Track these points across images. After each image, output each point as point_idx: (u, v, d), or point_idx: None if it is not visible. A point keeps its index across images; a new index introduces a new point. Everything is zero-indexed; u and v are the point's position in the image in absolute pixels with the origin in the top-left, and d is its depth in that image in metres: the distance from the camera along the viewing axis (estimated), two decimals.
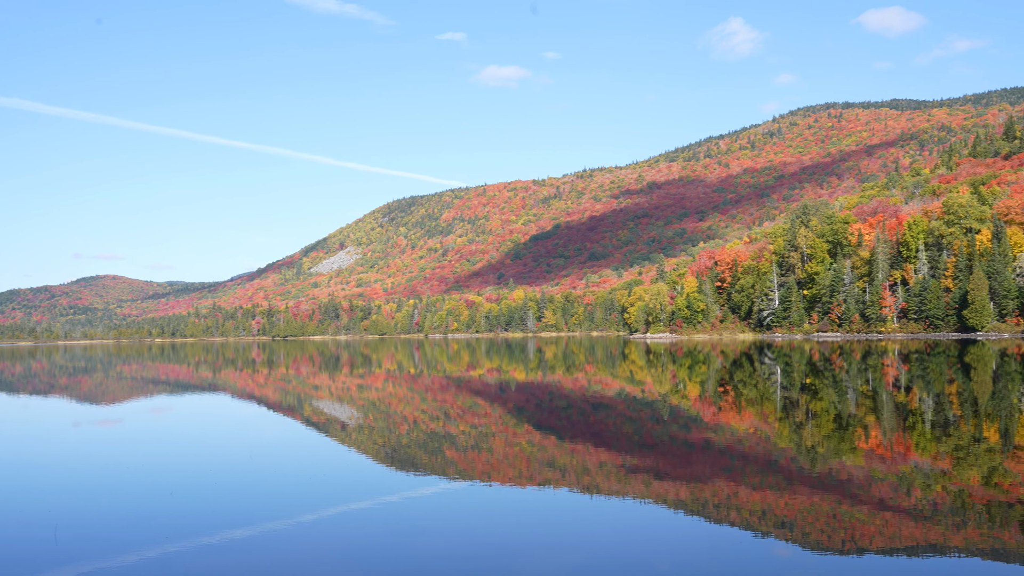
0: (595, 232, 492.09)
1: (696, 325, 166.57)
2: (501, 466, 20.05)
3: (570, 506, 15.54)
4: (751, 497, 15.87)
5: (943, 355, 64.63)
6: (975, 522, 13.65)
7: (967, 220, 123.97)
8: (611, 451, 21.91)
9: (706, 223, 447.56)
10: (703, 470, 18.97)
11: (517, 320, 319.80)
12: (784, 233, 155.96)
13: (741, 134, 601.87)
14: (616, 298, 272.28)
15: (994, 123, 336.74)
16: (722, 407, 32.58)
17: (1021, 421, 25.24)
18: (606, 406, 34.93)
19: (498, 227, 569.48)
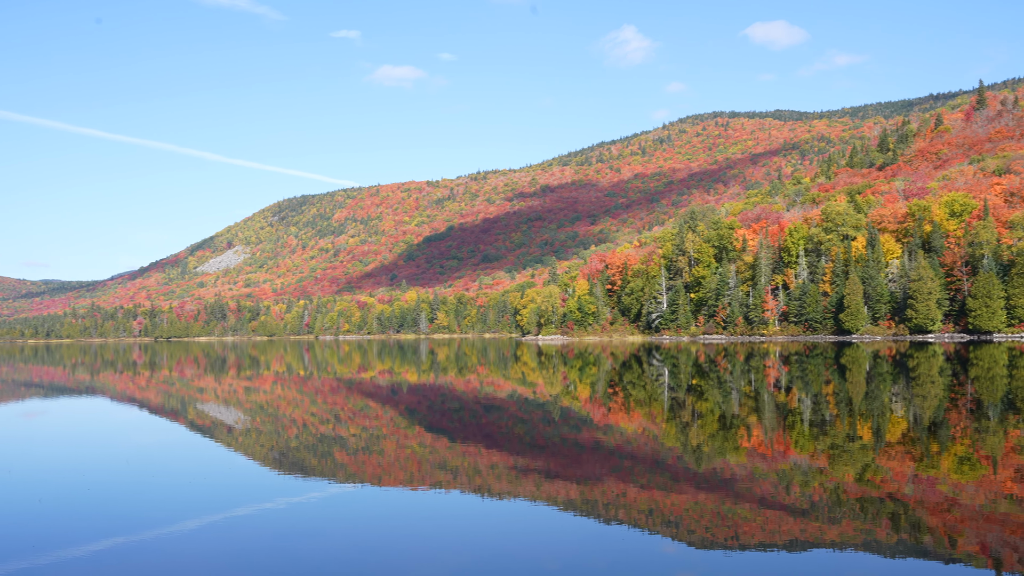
0: (489, 234, 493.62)
1: (587, 327, 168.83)
2: (392, 469, 19.89)
3: (461, 508, 15.53)
4: (639, 496, 16.16)
5: (821, 357, 67.21)
6: (849, 516, 14.23)
7: (844, 228, 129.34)
8: (503, 452, 21.99)
9: (598, 227, 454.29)
10: (593, 470, 19.23)
11: (410, 322, 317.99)
12: (673, 238, 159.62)
13: (632, 140, 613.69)
14: (509, 300, 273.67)
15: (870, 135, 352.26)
16: (612, 408, 33.10)
17: (892, 420, 26.45)
18: (498, 408, 35.04)
19: (391, 228, 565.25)
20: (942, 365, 53.58)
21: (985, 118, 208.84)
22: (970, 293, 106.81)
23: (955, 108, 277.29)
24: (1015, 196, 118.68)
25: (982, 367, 50.87)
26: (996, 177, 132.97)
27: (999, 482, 16.57)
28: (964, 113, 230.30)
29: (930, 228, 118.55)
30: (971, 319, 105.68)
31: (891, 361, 59.45)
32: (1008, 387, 36.82)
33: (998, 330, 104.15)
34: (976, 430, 23.49)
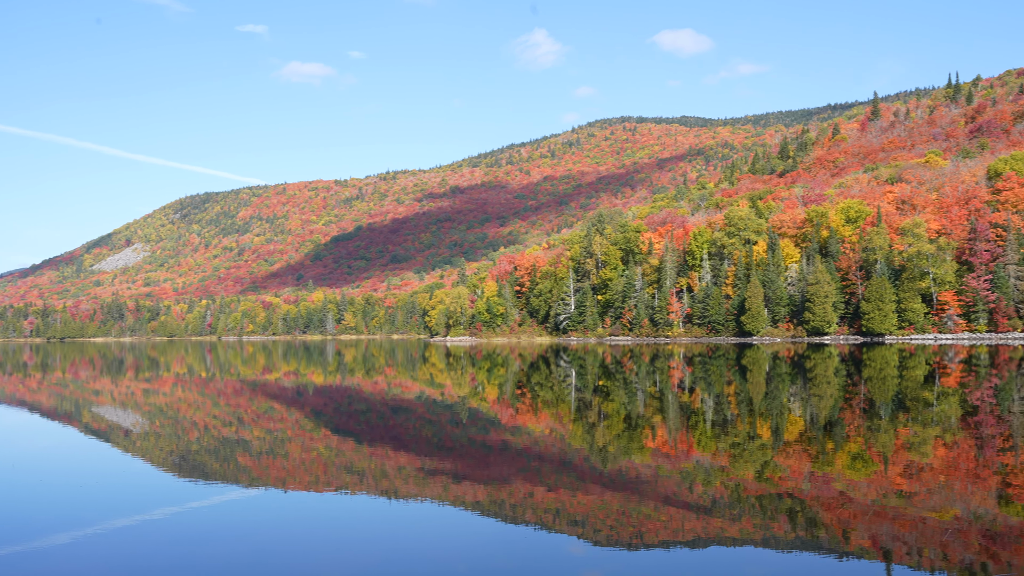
0: (398, 235, 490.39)
1: (495, 328, 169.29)
2: (297, 472, 19.58)
3: (368, 511, 15.38)
4: (546, 496, 16.27)
5: (723, 358, 68.82)
6: (749, 513, 14.61)
7: (746, 232, 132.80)
8: (410, 454, 21.87)
9: (507, 228, 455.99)
10: (501, 471, 19.28)
11: (316, 322, 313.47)
12: (581, 240, 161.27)
13: (542, 143, 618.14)
14: (418, 301, 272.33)
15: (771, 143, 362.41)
16: (519, 409, 33.25)
17: (790, 419, 27.26)
18: (406, 409, 34.85)
19: (298, 227, 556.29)
20: (837, 366, 55.45)
21: (879, 128, 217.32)
22: (864, 297, 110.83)
23: (851, 118, 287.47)
24: (906, 204, 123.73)
25: (874, 368, 52.84)
26: (888, 185, 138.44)
27: (889, 479, 17.23)
28: (860, 123, 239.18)
29: (827, 234, 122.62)
30: (865, 322, 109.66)
31: (789, 362, 61.24)
32: (898, 387, 38.34)
33: (889, 332, 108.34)
34: (868, 429, 24.38)
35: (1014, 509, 14.38)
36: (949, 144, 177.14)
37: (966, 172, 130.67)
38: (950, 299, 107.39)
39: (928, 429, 24.00)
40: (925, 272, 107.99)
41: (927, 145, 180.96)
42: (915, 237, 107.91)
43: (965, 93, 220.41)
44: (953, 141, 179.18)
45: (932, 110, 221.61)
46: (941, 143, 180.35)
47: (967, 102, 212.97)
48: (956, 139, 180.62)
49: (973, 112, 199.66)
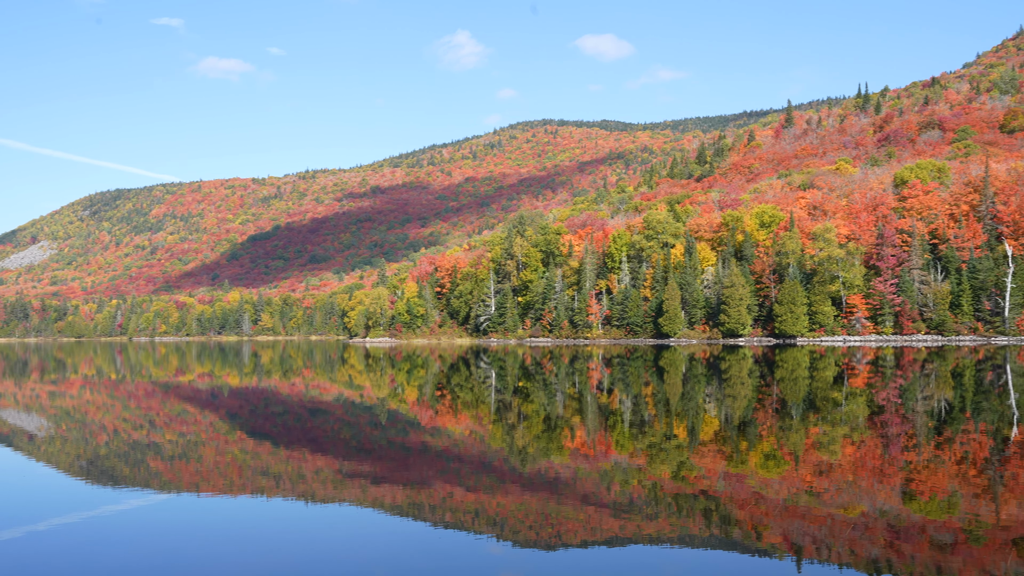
0: (317, 234, 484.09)
1: (416, 330, 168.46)
2: (211, 476, 19.17)
3: (285, 514, 15.14)
4: (465, 498, 16.26)
5: (641, 359, 69.75)
6: (666, 513, 14.84)
7: (664, 235, 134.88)
8: (328, 457, 21.62)
9: (428, 229, 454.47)
10: (420, 473, 19.19)
11: (232, 323, 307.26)
12: (502, 242, 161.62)
13: (464, 144, 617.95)
14: (337, 302, 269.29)
15: (689, 148, 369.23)
16: (439, 411, 33.16)
17: (706, 420, 27.77)
18: (324, 411, 34.43)
19: (214, 226, 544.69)
20: (751, 367, 56.71)
21: (792, 136, 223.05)
22: (777, 300, 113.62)
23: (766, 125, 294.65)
24: (817, 209, 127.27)
25: (786, 369, 54.21)
26: (801, 191, 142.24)
27: (800, 477, 17.69)
28: (774, 130, 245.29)
29: (742, 238, 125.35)
30: (777, 324, 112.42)
31: (705, 363, 62.39)
32: (809, 388, 39.40)
33: (801, 334, 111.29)
34: (780, 428, 24.99)
35: (917, 505, 14.91)
36: (858, 152, 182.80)
37: (874, 179, 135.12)
38: (858, 302, 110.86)
39: (837, 428, 24.70)
40: (835, 276, 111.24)
41: (838, 153, 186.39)
42: (826, 242, 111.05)
43: (874, 103, 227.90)
44: (862, 149, 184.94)
45: (843, 119, 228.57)
46: (851, 151, 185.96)
47: (876, 112, 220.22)
48: (865, 147, 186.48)
49: (881, 122, 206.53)
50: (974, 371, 49.25)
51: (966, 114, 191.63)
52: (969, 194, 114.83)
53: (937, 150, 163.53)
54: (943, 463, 18.75)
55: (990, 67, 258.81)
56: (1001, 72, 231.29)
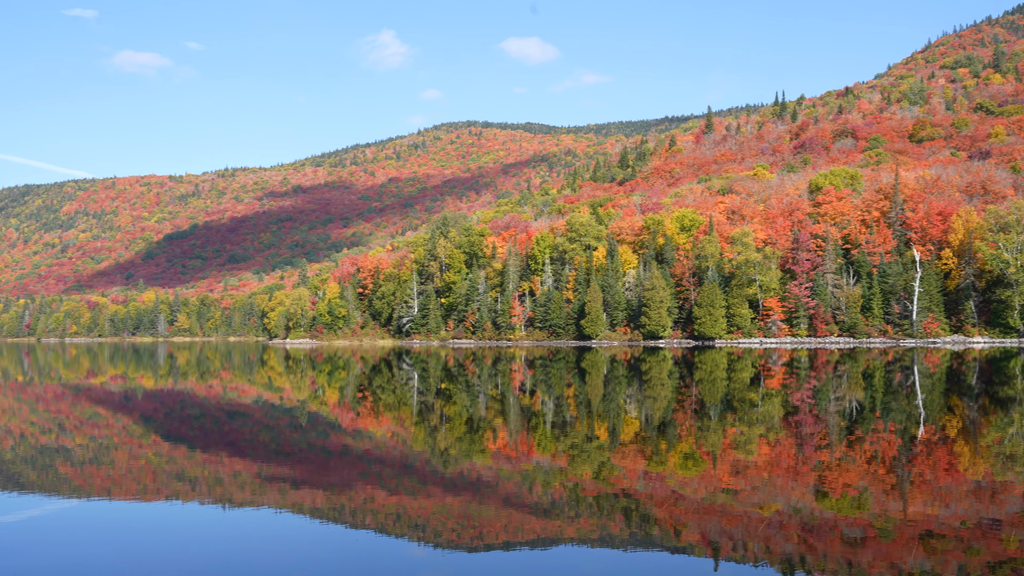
0: (236, 234, 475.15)
1: (337, 331, 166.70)
2: (124, 481, 18.63)
3: (201, 519, 14.81)
4: (387, 501, 16.13)
5: (563, 361, 70.22)
6: (587, 513, 14.95)
7: (587, 238, 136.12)
8: (246, 460, 21.23)
9: (351, 230, 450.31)
10: (341, 476, 18.98)
11: (147, 324, 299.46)
12: (425, 243, 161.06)
13: (388, 144, 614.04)
14: (256, 303, 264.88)
15: (612, 152, 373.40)
16: (360, 412, 32.86)
17: (626, 420, 28.08)
18: (242, 414, 33.81)
19: (128, 224, 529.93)
20: (671, 369, 57.59)
21: (712, 141, 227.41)
22: (696, 302, 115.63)
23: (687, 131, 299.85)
24: (736, 214, 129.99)
25: (705, 370, 55.20)
26: (720, 196, 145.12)
27: (718, 476, 18.02)
28: (695, 136, 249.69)
29: (663, 241, 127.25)
30: (697, 326, 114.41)
31: (626, 365, 63.11)
32: (726, 389, 40.18)
33: (719, 336, 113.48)
34: (699, 429, 25.42)
35: (829, 502, 15.32)
36: (775, 158, 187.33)
37: (790, 185, 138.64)
38: (775, 305, 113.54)
39: (753, 428, 25.24)
40: (752, 279, 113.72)
41: (756, 159, 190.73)
42: (744, 246, 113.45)
43: (790, 111, 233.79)
44: (779, 156, 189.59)
45: (761, 126, 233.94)
46: (768, 157, 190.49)
47: (792, 119, 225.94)
48: (782, 154, 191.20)
49: (797, 129, 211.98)
50: (884, 372, 50.86)
51: (877, 123, 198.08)
52: (880, 201, 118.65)
53: (850, 158, 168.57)
54: (854, 462, 19.31)
55: (900, 78, 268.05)
56: (910, 83, 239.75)
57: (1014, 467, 18.42)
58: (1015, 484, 16.74)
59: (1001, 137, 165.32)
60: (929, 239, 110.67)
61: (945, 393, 36.58)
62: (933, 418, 27.27)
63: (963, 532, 13.03)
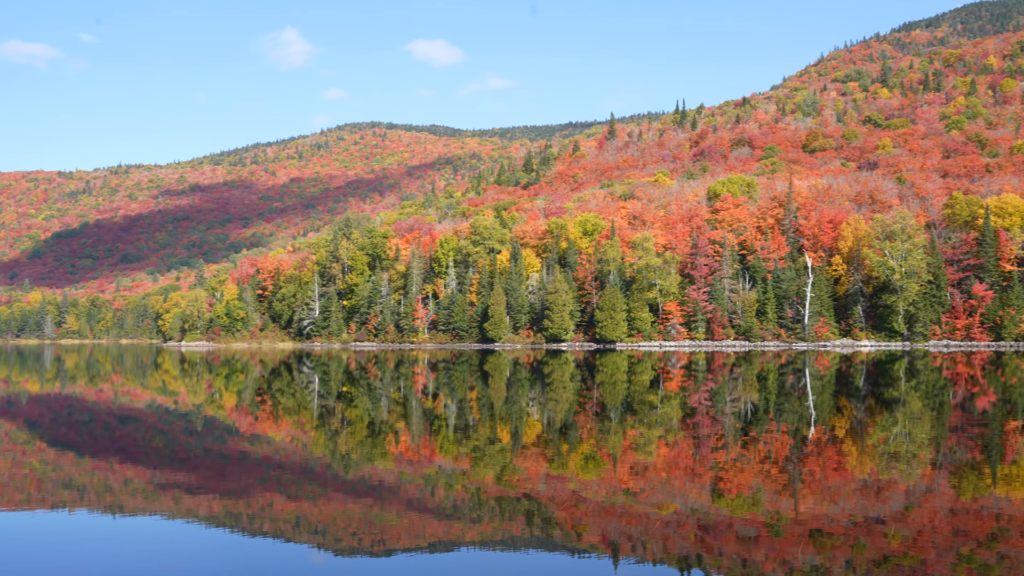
0: (130, 233, 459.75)
1: (235, 333, 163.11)
2: (6, 490, 17.80)
3: (89, 528, 14.26)
4: (286, 506, 15.84)
5: (466, 364, 70.23)
6: (489, 516, 14.97)
7: (491, 241, 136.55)
8: (139, 467, 20.56)
9: (251, 230, 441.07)
10: (238, 482, 18.56)
11: (33, 325, 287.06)
12: (327, 244, 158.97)
13: (290, 143, 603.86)
14: (151, 304, 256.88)
15: (516, 155, 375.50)
16: (259, 417, 32.20)
17: (529, 423, 28.24)
18: (134, 419, 32.74)
19: (13, 221, 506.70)
20: (573, 371, 58.19)
21: (615, 147, 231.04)
22: (598, 306, 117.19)
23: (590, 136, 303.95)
24: (637, 219, 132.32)
25: (606, 373, 55.96)
26: (622, 201, 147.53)
27: (618, 478, 18.28)
28: (598, 142, 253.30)
29: (566, 245, 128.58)
30: (598, 329, 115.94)
31: (529, 368, 63.50)
32: (627, 391, 40.83)
33: (620, 339, 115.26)
34: (600, 431, 25.75)
35: (724, 502, 15.70)
36: (676, 165, 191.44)
37: (690, 192, 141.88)
38: (674, 309, 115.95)
39: (653, 430, 25.69)
40: (653, 284, 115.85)
41: (657, 165, 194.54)
42: (644, 251, 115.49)
43: (691, 119, 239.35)
44: (679, 163, 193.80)
45: (662, 133, 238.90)
46: (669, 164, 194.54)
47: (692, 128, 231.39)
48: (682, 161, 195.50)
49: (697, 137, 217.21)
50: (777, 375, 52.47)
51: (773, 133, 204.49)
52: (775, 208, 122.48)
53: (747, 166, 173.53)
54: (748, 462, 19.85)
55: (795, 90, 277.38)
56: (804, 96, 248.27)
57: (898, 465, 19.22)
58: (899, 482, 17.47)
59: (888, 149, 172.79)
60: (820, 246, 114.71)
61: (834, 395, 37.97)
62: (823, 419, 28.26)
63: (850, 529, 13.52)
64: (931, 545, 12.60)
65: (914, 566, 11.65)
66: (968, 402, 34.36)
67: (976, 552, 12.24)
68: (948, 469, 18.81)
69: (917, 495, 16.21)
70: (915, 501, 15.68)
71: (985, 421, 27.55)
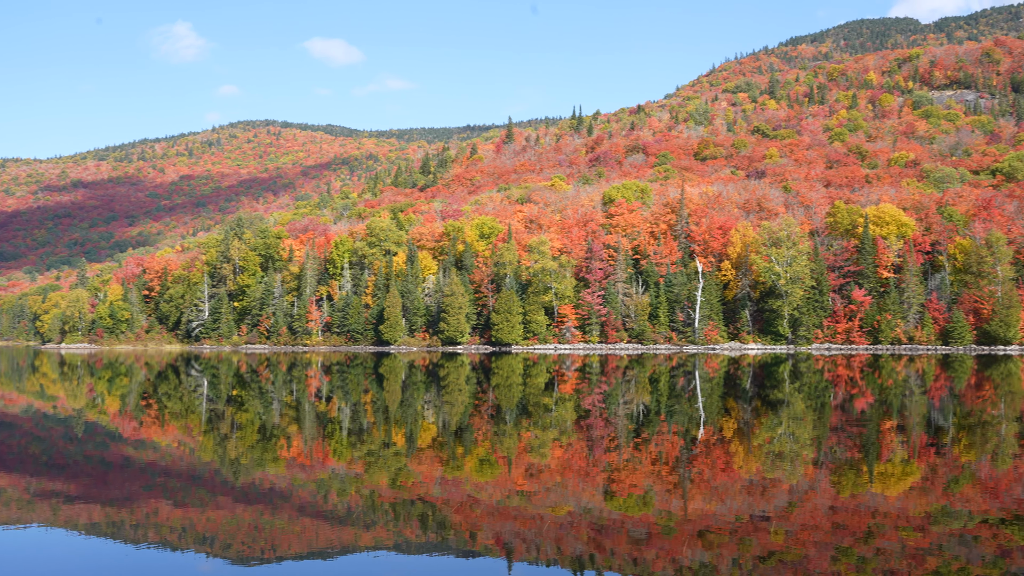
0: (6, 230, 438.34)
1: (120, 335, 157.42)
2: None
3: None
4: (172, 514, 15.38)
5: (361, 367, 69.51)
6: (383, 520, 14.84)
7: (387, 243, 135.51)
8: (14, 475, 19.64)
9: (137, 229, 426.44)
10: (122, 490, 17.91)
11: None
12: (218, 244, 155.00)
13: (180, 140, 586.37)
14: (28, 304, 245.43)
15: (414, 157, 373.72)
16: (144, 422, 31.16)
17: (424, 426, 28.14)
18: (9, 425, 31.26)
19: None
20: (468, 374, 58.24)
21: (512, 151, 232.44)
22: (494, 309, 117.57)
23: (488, 140, 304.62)
24: (533, 223, 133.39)
25: (502, 376, 56.21)
26: (519, 205, 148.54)
27: (513, 480, 18.38)
28: (495, 145, 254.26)
29: (463, 248, 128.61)
30: (494, 332, 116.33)
31: (425, 371, 63.28)
32: (522, 394, 41.09)
33: (516, 342, 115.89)
34: (495, 433, 25.85)
35: (617, 502, 15.96)
36: (572, 170, 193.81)
37: (585, 197, 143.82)
38: (569, 312, 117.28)
39: (547, 432, 25.93)
40: (548, 287, 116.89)
41: (553, 170, 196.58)
42: (540, 254, 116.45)
43: (587, 125, 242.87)
44: (575, 168, 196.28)
45: (559, 138, 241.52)
46: (565, 169, 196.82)
47: (588, 133, 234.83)
48: (578, 166, 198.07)
49: (592, 143, 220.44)
50: (668, 377, 53.65)
51: (666, 141, 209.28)
52: (667, 214, 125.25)
53: (641, 172, 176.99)
54: (640, 463, 20.23)
55: (687, 99, 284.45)
56: (696, 105, 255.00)
57: (782, 465, 19.90)
58: (782, 480, 18.09)
59: (775, 159, 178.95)
60: (711, 251, 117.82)
61: (723, 397, 39.05)
62: (712, 420, 29.03)
63: (737, 527, 13.93)
64: (812, 541, 13.08)
65: (796, 561, 12.08)
66: (847, 403, 35.83)
67: (854, 546, 12.77)
68: (829, 468, 19.57)
69: (800, 493, 16.82)
70: (798, 499, 16.27)
71: (863, 421, 28.78)
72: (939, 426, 27.61)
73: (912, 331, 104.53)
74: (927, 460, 20.59)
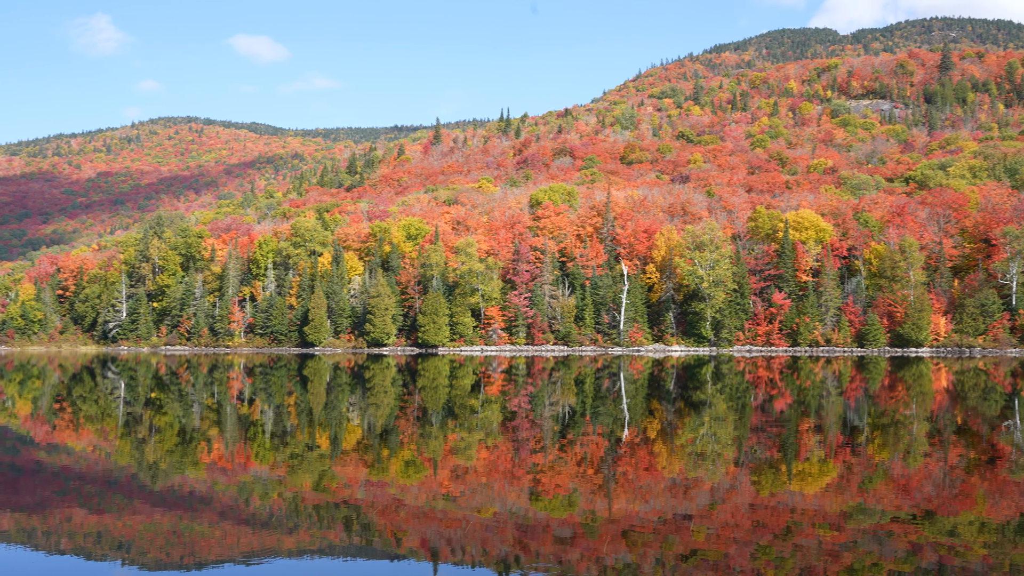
0: None
1: (32, 336, 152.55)
2: None
3: None
4: (87, 520, 14.93)
5: (285, 369, 68.54)
6: (306, 524, 14.64)
7: (312, 243, 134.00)
8: None
9: (51, 227, 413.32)
10: (33, 496, 17.33)
11: None
12: (137, 243, 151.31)
13: (97, 136, 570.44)
14: None
15: (340, 157, 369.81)
16: (57, 425, 30.20)
17: (349, 428, 27.86)
18: None
19: None
20: (394, 376, 57.88)
21: (440, 153, 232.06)
22: (421, 310, 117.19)
23: (416, 141, 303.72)
24: (461, 225, 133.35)
25: (428, 378, 56.00)
26: (446, 206, 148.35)
27: (439, 482, 18.31)
28: (423, 146, 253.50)
29: (389, 249, 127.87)
30: (421, 334, 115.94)
31: (350, 372, 62.69)
32: (448, 396, 41.00)
33: (443, 344, 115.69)
34: (421, 435, 25.73)
35: (542, 504, 16.03)
36: (499, 172, 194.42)
37: (513, 199, 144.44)
38: (496, 314, 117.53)
39: (473, 434, 25.91)
40: (475, 289, 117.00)
41: (481, 172, 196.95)
42: (467, 256, 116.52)
43: (515, 128, 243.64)
44: (503, 170, 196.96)
45: (487, 140, 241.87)
46: (493, 171, 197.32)
47: (516, 136, 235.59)
48: (506, 168, 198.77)
49: (520, 145, 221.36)
50: (593, 379, 54.10)
51: (593, 144, 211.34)
52: (594, 217, 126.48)
53: (568, 175, 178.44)
54: (566, 464, 20.35)
55: (614, 104, 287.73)
56: (623, 109, 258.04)
57: (704, 464, 20.23)
58: (704, 480, 18.39)
59: (699, 164, 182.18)
60: (636, 254, 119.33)
61: (647, 398, 39.55)
62: (636, 421, 29.37)
63: (660, 526, 14.10)
64: (733, 539, 13.32)
65: (717, 559, 12.28)
66: (767, 404, 36.61)
67: (773, 544, 13.04)
68: (749, 467, 19.96)
69: (721, 492, 17.12)
70: (719, 498, 16.55)
71: (782, 422, 29.43)
72: (854, 426, 28.39)
73: (829, 333, 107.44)
74: (843, 459, 21.15)
